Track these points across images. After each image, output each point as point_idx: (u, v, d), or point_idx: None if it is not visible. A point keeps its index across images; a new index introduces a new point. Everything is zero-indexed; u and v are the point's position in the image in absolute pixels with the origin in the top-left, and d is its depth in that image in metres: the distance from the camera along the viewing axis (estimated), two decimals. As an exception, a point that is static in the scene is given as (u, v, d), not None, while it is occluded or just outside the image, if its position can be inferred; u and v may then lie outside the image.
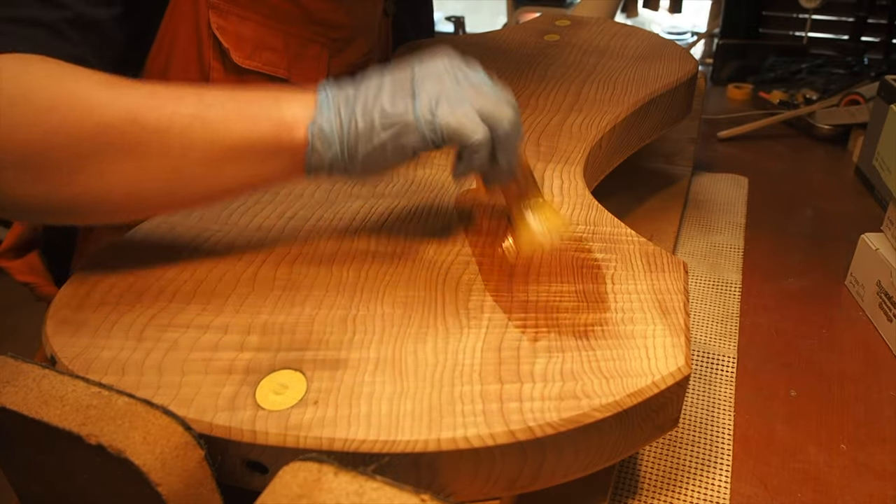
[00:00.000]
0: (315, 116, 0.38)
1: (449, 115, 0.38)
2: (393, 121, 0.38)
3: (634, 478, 0.46)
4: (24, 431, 0.33)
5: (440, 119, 0.38)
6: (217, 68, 0.55)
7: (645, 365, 0.37)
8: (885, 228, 0.61)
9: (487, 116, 0.39)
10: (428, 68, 0.40)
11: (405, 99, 0.38)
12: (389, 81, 0.39)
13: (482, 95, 0.39)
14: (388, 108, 0.38)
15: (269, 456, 0.34)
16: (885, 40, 1.18)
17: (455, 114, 0.38)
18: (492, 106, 0.39)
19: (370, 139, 0.38)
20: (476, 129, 0.38)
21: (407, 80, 0.39)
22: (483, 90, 0.40)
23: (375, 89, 0.39)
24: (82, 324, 0.40)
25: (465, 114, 0.38)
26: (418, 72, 0.40)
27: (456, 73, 0.40)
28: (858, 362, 0.56)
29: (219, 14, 0.53)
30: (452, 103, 0.38)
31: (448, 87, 0.39)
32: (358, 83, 0.40)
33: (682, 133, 0.83)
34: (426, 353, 0.38)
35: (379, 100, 0.38)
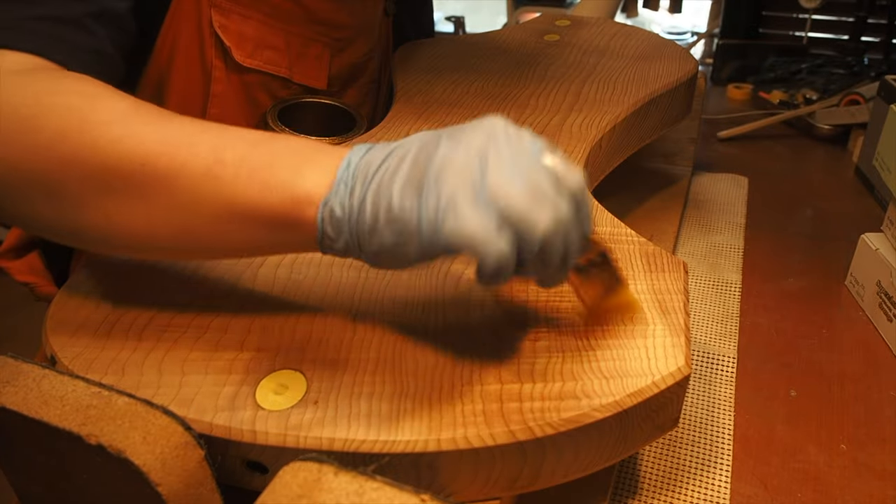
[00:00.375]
0: (328, 196, 0.32)
1: (456, 222, 0.29)
2: (396, 217, 0.31)
3: (634, 478, 0.46)
4: (24, 431, 0.33)
5: (445, 228, 0.30)
6: (219, 66, 0.55)
7: (645, 365, 0.37)
8: (885, 228, 0.61)
9: (514, 222, 0.29)
10: (454, 149, 0.31)
11: (415, 193, 0.31)
12: (410, 161, 0.32)
13: (513, 188, 0.30)
14: (394, 201, 0.31)
15: (269, 456, 0.34)
16: (885, 40, 1.18)
17: (464, 219, 0.29)
18: (521, 204, 0.29)
19: (374, 235, 0.32)
20: (490, 241, 0.29)
21: (424, 163, 0.31)
22: (514, 180, 0.30)
23: (393, 170, 0.32)
24: (82, 324, 0.40)
25: (477, 220, 0.29)
26: (441, 151, 0.31)
27: (488, 156, 0.31)
28: (858, 362, 0.56)
29: (221, 13, 0.54)
30: (467, 205, 0.29)
31: (467, 182, 0.30)
32: (386, 154, 0.33)
33: (682, 133, 0.83)
34: (426, 353, 0.38)
35: (391, 186, 0.31)
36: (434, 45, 0.78)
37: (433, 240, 0.30)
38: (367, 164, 0.33)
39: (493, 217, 0.29)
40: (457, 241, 0.30)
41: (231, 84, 0.57)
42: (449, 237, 0.30)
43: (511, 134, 0.32)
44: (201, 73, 0.56)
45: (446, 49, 0.77)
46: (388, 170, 0.32)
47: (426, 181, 0.31)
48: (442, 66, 0.72)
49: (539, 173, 0.31)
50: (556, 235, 0.30)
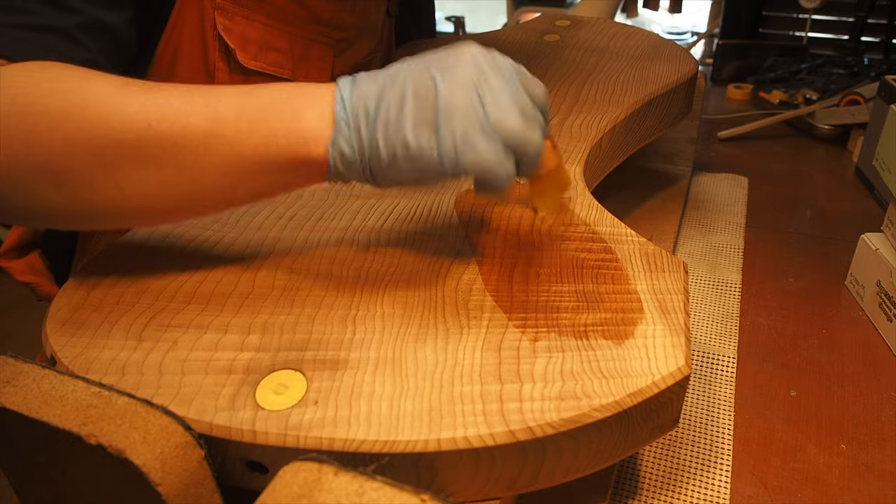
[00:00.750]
0: (334, 136, 0.36)
1: (474, 155, 0.35)
2: (416, 155, 0.35)
3: (634, 478, 0.46)
4: (24, 431, 0.33)
5: (464, 160, 0.35)
6: (222, 69, 0.55)
7: (645, 365, 0.37)
8: (885, 228, 0.61)
9: (515, 146, 0.36)
10: (452, 85, 0.36)
11: (429, 130, 0.35)
12: (412, 98, 0.36)
13: (510, 120, 0.36)
14: (410, 139, 0.35)
15: (269, 456, 0.34)
16: (885, 40, 1.18)
17: (480, 152, 0.35)
18: (520, 132, 0.36)
19: (392, 168, 0.36)
20: (501, 165, 0.36)
21: (430, 102, 0.35)
22: (511, 110, 0.36)
23: (397, 108, 0.36)
24: (82, 324, 0.40)
25: (491, 151, 0.35)
26: (442, 90, 0.35)
27: (482, 90, 0.36)
28: (858, 362, 0.56)
29: (224, 15, 0.54)
30: (478, 138, 0.35)
31: (474, 119, 0.35)
32: (378, 90, 0.36)
33: (682, 133, 0.83)
34: (426, 353, 0.38)
35: (401, 126, 0.35)
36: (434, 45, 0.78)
37: (454, 170, 0.36)
38: (363, 99, 0.36)
39: (500, 145, 0.36)
40: (474, 169, 0.36)
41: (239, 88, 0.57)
42: (468, 167, 0.35)
43: (490, 61, 0.37)
44: (204, 76, 0.56)
45: (446, 49, 0.77)
46: (391, 107, 0.36)
47: (438, 121, 0.35)
48: (442, 66, 0.72)
49: (523, 95, 0.37)
50: (539, 151, 0.37)
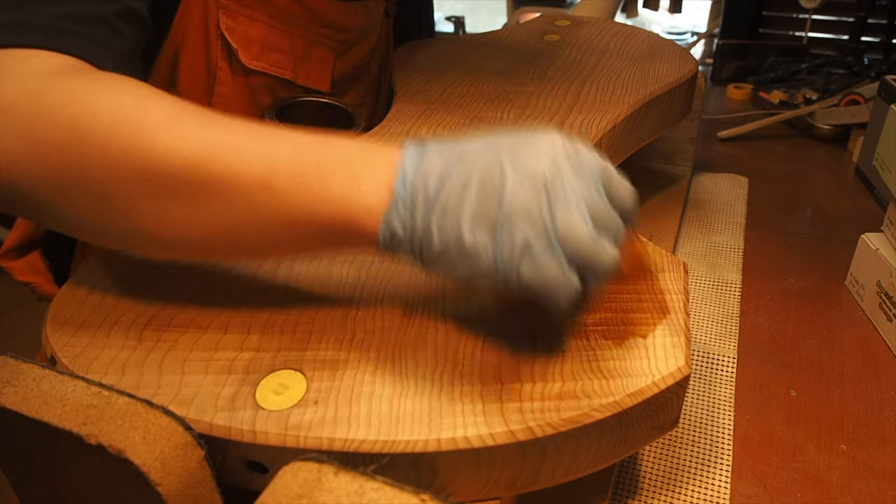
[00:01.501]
0: (388, 213, 0.33)
1: (533, 273, 0.32)
2: (469, 253, 0.32)
3: (634, 478, 0.46)
4: (24, 431, 0.33)
5: (522, 276, 0.32)
6: (224, 68, 0.56)
7: (645, 365, 0.36)
8: (885, 228, 0.61)
9: (582, 261, 0.32)
10: (521, 184, 0.32)
11: (488, 230, 0.32)
12: (476, 188, 0.32)
13: (579, 229, 0.32)
14: (466, 237, 0.32)
15: (269, 456, 0.34)
16: (885, 40, 1.18)
17: (541, 271, 0.32)
18: (589, 247, 0.32)
19: (443, 258, 0.33)
20: (564, 282, 0.32)
21: (494, 195, 0.32)
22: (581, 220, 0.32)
23: (457, 197, 0.32)
24: (82, 324, 0.40)
25: (551, 271, 0.32)
26: (509, 186, 0.32)
27: (555, 193, 0.32)
28: (858, 362, 0.56)
29: (228, 15, 0.54)
30: (541, 250, 0.31)
31: (539, 225, 0.31)
32: (443, 169, 0.33)
33: (682, 133, 0.83)
34: (426, 353, 0.38)
35: (459, 218, 0.32)
36: (434, 45, 0.78)
37: (508, 280, 0.32)
38: (424, 179, 0.33)
39: (564, 259, 0.32)
40: (531, 289, 0.32)
41: (235, 85, 0.57)
42: (525, 285, 0.32)
43: (571, 157, 0.33)
44: (206, 75, 0.56)
45: (446, 49, 0.77)
46: (452, 195, 0.33)
47: (498, 221, 0.32)
48: (442, 66, 0.72)
49: (599, 200, 0.33)
50: (616, 258, 0.33)
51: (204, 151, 0.34)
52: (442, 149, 0.34)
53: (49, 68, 0.37)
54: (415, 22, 0.82)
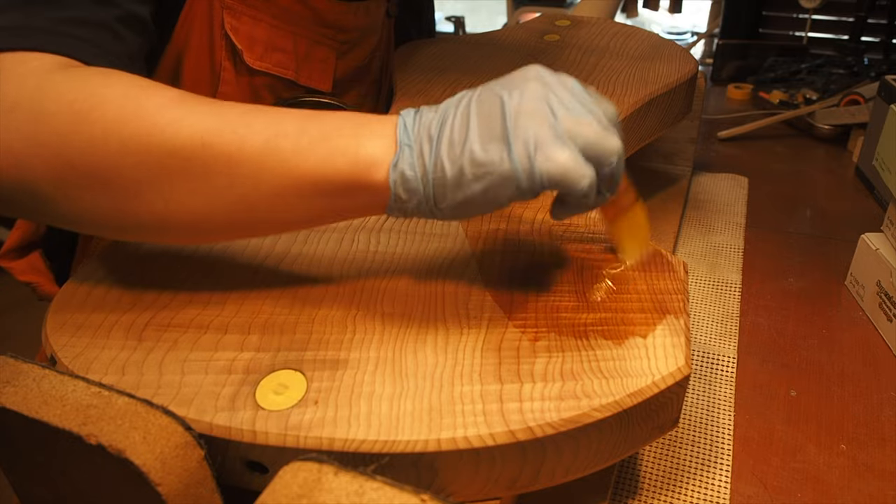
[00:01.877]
0: (397, 158, 0.34)
1: (550, 163, 0.33)
2: (486, 170, 0.33)
3: (634, 478, 0.46)
4: (24, 431, 0.33)
5: (540, 168, 0.33)
6: (228, 68, 0.56)
7: (645, 365, 0.36)
8: (885, 228, 0.61)
9: (593, 154, 0.34)
10: (520, 99, 0.34)
11: (498, 143, 0.33)
12: (477, 116, 0.34)
13: (584, 126, 0.34)
14: (479, 154, 0.33)
15: (269, 456, 0.34)
16: (885, 40, 1.18)
17: (557, 160, 0.33)
18: (597, 139, 0.34)
19: (459, 189, 0.34)
20: (582, 174, 0.33)
21: (497, 115, 0.34)
22: (584, 119, 0.34)
23: (462, 127, 0.34)
24: (82, 324, 0.40)
25: (568, 158, 0.33)
26: (509, 104, 0.34)
27: (551, 101, 0.34)
28: (858, 362, 0.56)
29: (232, 15, 0.54)
30: (553, 146, 0.33)
31: (545, 125, 0.33)
32: (441, 115, 0.35)
33: (682, 133, 0.83)
34: (426, 353, 0.38)
35: (468, 142, 0.33)
36: (434, 45, 0.78)
37: (527, 181, 0.33)
38: (426, 124, 0.35)
39: (577, 151, 0.33)
40: (552, 179, 0.33)
41: (239, 86, 0.57)
42: (545, 176, 0.33)
43: (557, 78, 0.36)
44: (210, 75, 0.56)
45: (446, 49, 0.77)
46: (456, 127, 0.34)
47: (507, 130, 0.33)
48: (442, 66, 0.72)
49: (594, 108, 0.35)
50: (621, 158, 0.35)
51: (209, 126, 0.35)
52: (436, 105, 0.37)
53: (50, 68, 0.37)
54: (415, 22, 0.82)
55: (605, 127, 0.34)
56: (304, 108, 0.61)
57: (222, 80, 0.56)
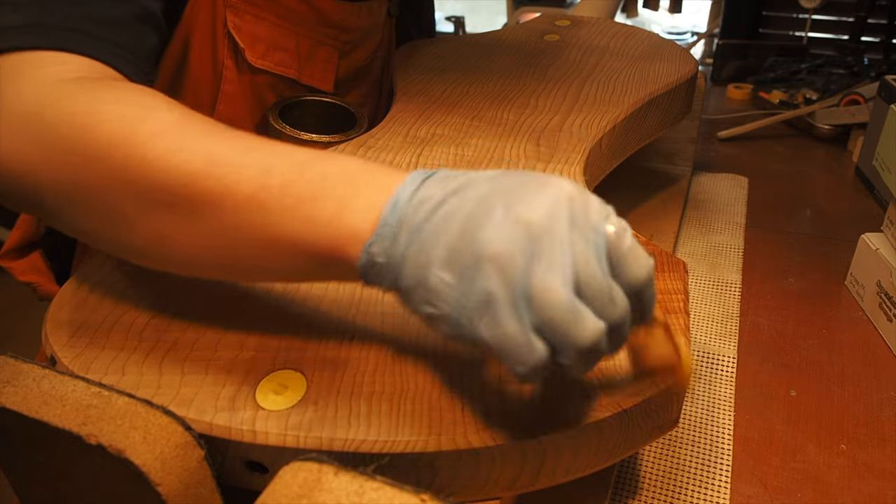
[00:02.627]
0: (372, 240, 0.30)
1: (490, 330, 0.28)
2: (434, 300, 0.29)
3: (634, 478, 0.46)
4: (24, 431, 0.33)
5: (484, 331, 0.28)
6: (230, 67, 0.56)
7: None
8: (885, 228, 0.61)
9: (554, 332, 0.28)
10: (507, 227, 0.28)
11: (457, 275, 0.29)
12: (459, 226, 0.29)
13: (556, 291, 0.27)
14: (431, 279, 0.29)
15: (269, 456, 0.34)
16: (885, 40, 1.18)
17: (499, 330, 0.28)
18: (560, 318, 0.27)
19: (411, 302, 0.31)
20: (522, 352, 0.28)
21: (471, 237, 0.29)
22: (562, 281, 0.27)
23: (441, 231, 0.29)
24: (82, 324, 0.40)
25: (511, 332, 0.28)
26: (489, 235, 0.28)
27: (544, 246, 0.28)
28: (858, 362, 0.56)
29: (235, 13, 0.54)
30: (502, 311, 0.28)
31: (511, 277, 0.28)
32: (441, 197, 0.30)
33: (682, 133, 0.83)
34: (426, 352, 0.38)
35: (431, 255, 0.29)
36: (434, 45, 0.78)
37: (469, 336, 0.29)
38: (416, 207, 0.30)
39: (530, 324, 0.28)
40: (490, 346, 0.28)
41: (241, 84, 0.57)
42: (484, 339, 0.28)
43: (576, 211, 0.29)
44: (212, 73, 0.56)
45: (446, 49, 0.77)
46: (436, 227, 0.29)
47: (467, 266, 0.28)
48: (442, 66, 0.72)
49: (594, 268, 0.28)
50: (602, 342, 0.28)
51: (199, 165, 0.33)
52: (447, 176, 0.31)
53: (66, 75, 0.37)
54: (415, 22, 0.83)
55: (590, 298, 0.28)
56: (306, 106, 0.61)
57: (224, 79, 0.56)
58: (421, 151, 0.56)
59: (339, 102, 0.62)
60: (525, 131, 0.60)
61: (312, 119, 0.61)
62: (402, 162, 0.55)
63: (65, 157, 0.34)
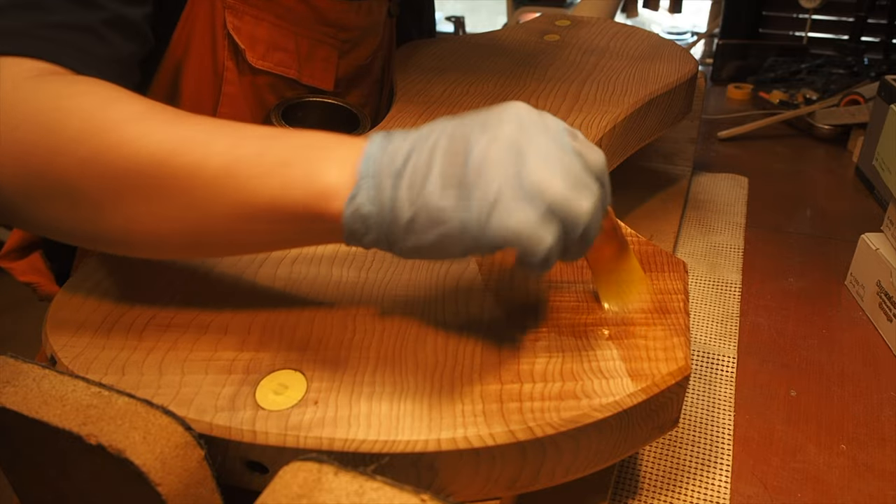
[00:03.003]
0: (355, 192, 0.32)
1: (506, 221, 0.30)
2: (440, 218, 0.31)
3: (634, 478, 0.46)
4: (24, 431, 0.33)
5: (496, 226, 0.30)
6: (231, 68, 0.56)
7: (645, 365, 0.37)
8: (885, 228, 0.61)
9: (559, 212, 0.31)
10: (489, 143, 0.31)
11: (457, 190, 0.31)
12: (443, 156, 0.32)
13: (555, 179, 0.31)
14: (435, 200, 0.31)
15: (269, 456, 0.34)
16: (885, 40, 1.18)
17: (515, 218, 0.30)
18: (565, 197, 0.30)
19: (413, 234, 0.32)
20: (540, 236, 0.30)
21: (462, 158, 0.31)
22: (554, 171, 0.31)
23: (425, 166, 0.32)
24: (82, 324, 0.40)
25: (527, 218, 0.30)
26: (476, 147, 0.31)
27: (524, 149, 0.31)
28: (858, 362, 0.56)
29: (234, 14, 0.54)
30: (513, 201, 0.30)
31: (510, 175, 0.30)
32: (409, 147, 0.33)
33: (682, 133, 0.83)
34: (426, 353, 0.38)
35: (427, 185, 0.31)
36: (434, 45, 0.78)
37: (480, 237, 0.31)
38: (392, 156, 0.32)
39: (539, 210, 0.30)
40: (506, 239, 0.30)
41: (242, 85, 0.57)
42: (497, 234, 0.30)
43: (537, 120, 0.33)
44: (213, 75, 0.56)
45: (446, 49, 0.77)
46: (419, 165, 0.32)
47: (467, 178, 0.31)
48: (442, 66, 0.72)
49: (572, 159, 0.32)
50: (595, 218, 0.32)
51: (169, 146, 0.34)
52: (407, 131, 0.34)
53: (27, 74, 0.37)
54: (416, 22, 0.83)
55: (578, 184, 0.31)
56: (308, 107, 0.61)
57: (225, 80, 0.56)
58: (421, 151, 0.56)
59: (341, 103, 0.62)
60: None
61: (315, 120, 0.61)
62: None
63: (29, 154, 0.35)
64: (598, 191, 0.33)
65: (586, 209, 0.31)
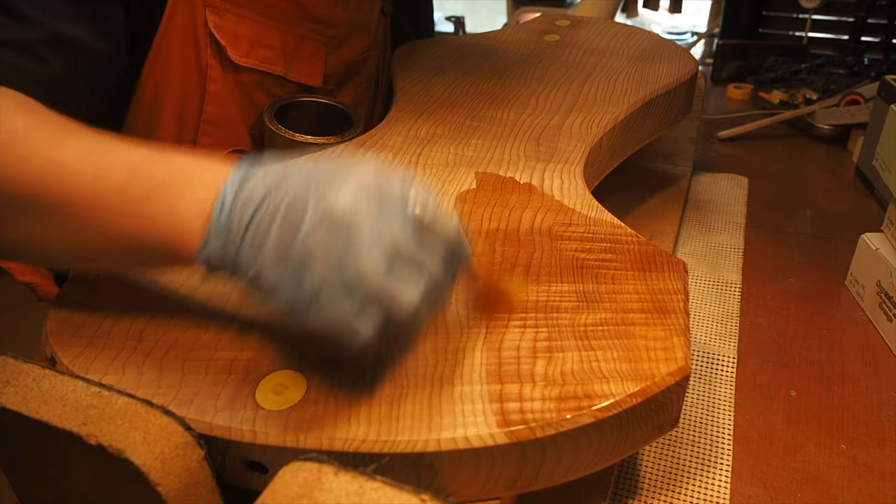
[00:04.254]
0: (203, 243, 0.33)
1: (324, 314, 0.31)
2: (272, 290, 0.32)
3: (634, 478, 0.46)
4: (24, 431, 0.33)
5: (314, 317, 0.31)
6: (214, 66, 0.56)
7: (645, 365, 0.36)
8: (885, 228, 0.61)
9: (381, 303, 0.31)
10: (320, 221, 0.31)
11: (286, 268, 0.31)
12: (280, 224, 0.31)
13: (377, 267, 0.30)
14: (267, 271, 0.32)
15: (269, 456, 0.34)
16: (885, 40, 1.18)
17: (331, 312, 0.31)
18: (383, 288, 0.30)
19: (259, 292, 0.33)
20: (355, 329, 0.31)
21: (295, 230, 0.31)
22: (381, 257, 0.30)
23: (265, 232, 0.32)
24: (82, 324, 0.40)
25: (343, 312, 0.30)
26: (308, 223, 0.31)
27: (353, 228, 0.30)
28: (858, 362, 0.56)
29: (215, 12, 0.54)
30: (333, 292, 0.30)
31: (333, 267, 0.30)
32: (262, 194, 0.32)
33: (682, 133, 0.83)
34: (426, 353, 0.38)
35: (264, 249, 0.32)
36: (434, 45, 0.78)
37: (304, 320, 0.32)
38: (244, 204, 0.32)
39: (357, 302, 0.31)
40: (321, 329, 0.31)
41: (227, 83, 0.57)
42: (315, 325, 0.31)
43: (380, 189, 0.32)
44: (197, 73, 0.56)
45: (446, 49, 0.77)
46: (261, 228, 0.32)
47: (294, 260, 0.31)
48: (442, 66, 0.72)
49: (407, 237, 0.31)
50: (425, 300, 0.32)
51: (44, 175, 0.35)
52: (268, 172, 0.33)
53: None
54: (411, 21, 0.82)
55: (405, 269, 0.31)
56: (301, 107, 0.61)
57: (209, 79, 0.56)
58: (421, 151, 0.56)
59: (335, 103, 0.62)
60: (525, 131, 0.60)
61: (308, 120, 0.61)
62: (402, 162, 0.55)
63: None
64: (436, 268, 0.32)
65: (408, 299, 0.31)
